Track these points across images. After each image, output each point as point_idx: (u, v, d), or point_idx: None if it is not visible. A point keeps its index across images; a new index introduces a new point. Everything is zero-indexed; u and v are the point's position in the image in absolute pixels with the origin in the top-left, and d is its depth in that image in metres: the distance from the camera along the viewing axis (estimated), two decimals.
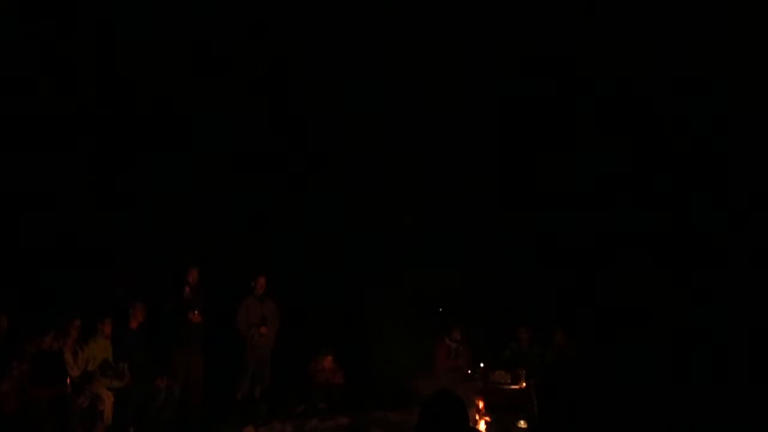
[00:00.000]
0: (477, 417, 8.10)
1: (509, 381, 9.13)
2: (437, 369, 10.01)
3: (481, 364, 9.60)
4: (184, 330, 8.55)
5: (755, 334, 8.61)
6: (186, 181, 10.11)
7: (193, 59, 9.89)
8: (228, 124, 10.30)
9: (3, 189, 8.84)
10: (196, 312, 8.61)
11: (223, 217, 10.25)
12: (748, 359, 8.36)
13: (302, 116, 10.48)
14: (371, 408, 9.26)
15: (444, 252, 10.87)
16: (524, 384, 9.02)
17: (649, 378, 8.24)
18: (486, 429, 8.01)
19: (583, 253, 10.43)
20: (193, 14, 9.54)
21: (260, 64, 10.24)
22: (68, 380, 7.25)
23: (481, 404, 8.41)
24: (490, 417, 8.01)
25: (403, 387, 9.19)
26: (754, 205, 9.47)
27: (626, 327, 9.53)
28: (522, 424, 8.03)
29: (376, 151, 10.63)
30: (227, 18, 9.80)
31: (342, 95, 10.47)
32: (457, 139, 10.84)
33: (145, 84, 9.72)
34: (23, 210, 8.97)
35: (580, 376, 8.92)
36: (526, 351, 9.98)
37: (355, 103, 10.49)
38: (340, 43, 10.23)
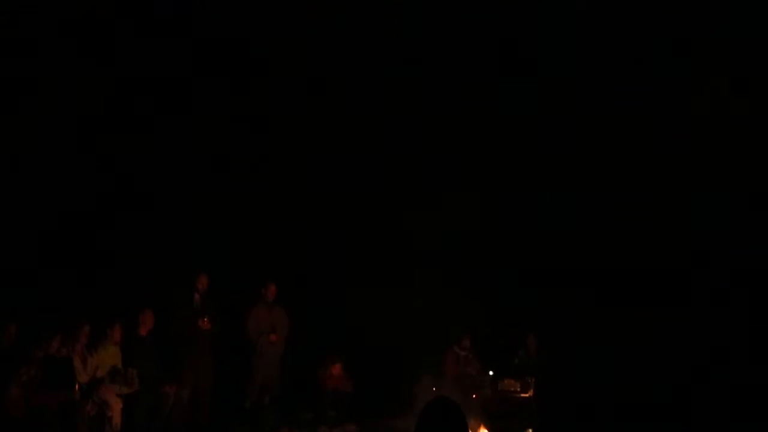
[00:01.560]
0: (482, 425, 8.10)
1: (519, 389, 9.17)
2: (446, 377, 10.05)
3: (490, 372, 9.66)
4: (194, 337, 8.62)
5: None
6: (195, 186, 10.22)
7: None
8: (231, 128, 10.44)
9: (8, 192, 8.98)
10: (205, 319, 8.66)
11: (232, 223, 10.33)
12: None
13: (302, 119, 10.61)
14: (380, 416, 9.27)
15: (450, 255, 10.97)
16: (533, 392, 9.04)
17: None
18: None
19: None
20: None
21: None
22: (77, 386, 7.29)
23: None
24: (489, 425, 7.96)
25: (411, 395, 9.20)
26: None
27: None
28: None
29: (380, 152, 10.71)
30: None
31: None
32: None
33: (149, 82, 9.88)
34: (30, 212, 9.08)
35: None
36: (534, 359, 10.03)
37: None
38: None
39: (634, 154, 10.35)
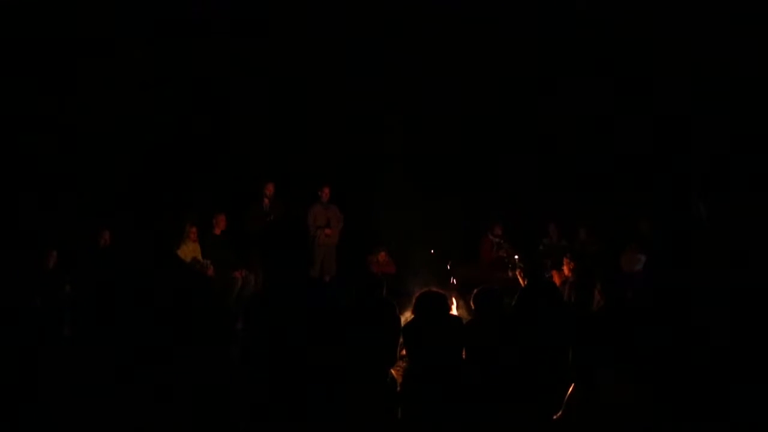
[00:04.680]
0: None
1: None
2: (482, 260, 11.67)
3: (516, 257, 11.12)
4: (263, 232, 10.65)
5: None
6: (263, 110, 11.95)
7: None
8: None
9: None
10: (271, 218, 10.68)
11: (294, 139, 12.14)
12: None
13: None
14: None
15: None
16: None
17: None
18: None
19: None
20: None
21: None
22: None
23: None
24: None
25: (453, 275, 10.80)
26: None
27: None
28: None
29: None
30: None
31: None
32: None
33: None
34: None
35: None
36: (555, 245, 11.46)
37: None
38: None
39: None
